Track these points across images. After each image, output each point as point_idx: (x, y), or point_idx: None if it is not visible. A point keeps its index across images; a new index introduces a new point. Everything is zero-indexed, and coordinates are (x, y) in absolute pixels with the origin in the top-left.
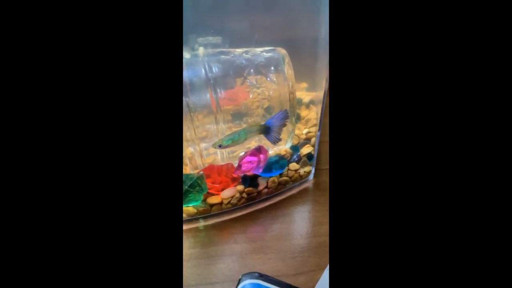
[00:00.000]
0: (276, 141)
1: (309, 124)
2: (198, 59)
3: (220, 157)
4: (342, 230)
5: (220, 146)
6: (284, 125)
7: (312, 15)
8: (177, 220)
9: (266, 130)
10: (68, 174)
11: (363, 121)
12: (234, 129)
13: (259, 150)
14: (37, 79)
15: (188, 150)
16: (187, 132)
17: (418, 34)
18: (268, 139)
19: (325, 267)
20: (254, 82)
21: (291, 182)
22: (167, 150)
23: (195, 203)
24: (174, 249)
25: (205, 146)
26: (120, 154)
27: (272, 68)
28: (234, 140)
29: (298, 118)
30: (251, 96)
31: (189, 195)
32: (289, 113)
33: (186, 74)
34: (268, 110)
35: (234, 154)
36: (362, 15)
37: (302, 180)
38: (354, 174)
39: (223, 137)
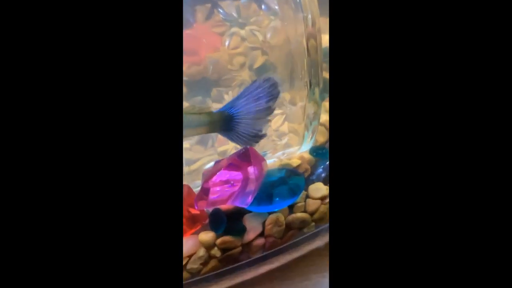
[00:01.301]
0: (248, 142)
1: None
2: None
3: None
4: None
5: None
6: (268, 111)
7: None
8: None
9: (223, 124)
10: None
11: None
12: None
13: (245, 157)
14: (34, 79)
15: None
16: None
17: (419, 34)
18: (231, 139)
19: None
20: (234, 15)
21: (313, 224)
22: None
23: None
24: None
25: None
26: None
27: None
28: None
29: (326, 91)
30: (227, 44)
31: None
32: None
33: None
34: (263, 71)
35: (195, 165)
36: (362, 14)
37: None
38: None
39: None
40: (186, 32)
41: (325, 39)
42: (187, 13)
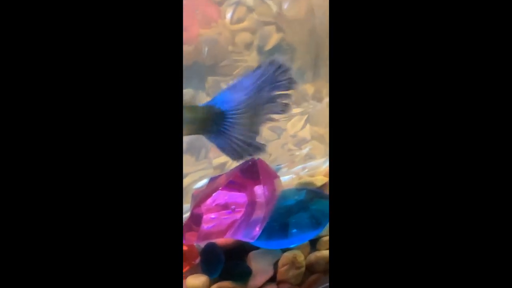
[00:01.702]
0: (242, 152)
1: None
2: None
3: None
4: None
5: None
6: (277, 107)
7: None
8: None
9: (211, 123)
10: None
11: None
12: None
13: (251, 172)
14: (28, 74)
15: None
16: None
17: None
18: (221, 148)
19: None
20: None
21: None
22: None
23: None
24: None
25: None
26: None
27: None
28: None
29: None
30: (228, 17)
31: None
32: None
33: None
34: (276, 54)
35: (183, 183)
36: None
37: None
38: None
39: None
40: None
41: None
42: None
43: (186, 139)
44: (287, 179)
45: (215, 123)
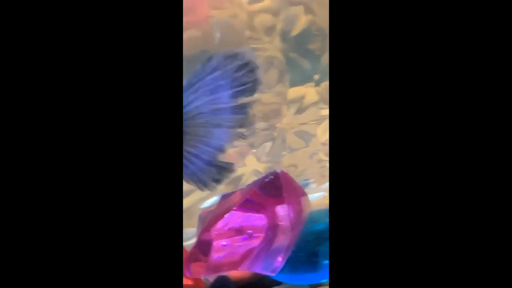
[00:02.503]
0: (202, 176)
1: None
2: None
3: None
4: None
5: None
6: (240, 111)
7: None
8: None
9: None
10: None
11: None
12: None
13: (273, 189)
14: (26, 73)
15: None
16: None
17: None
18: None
19: None
20: None
21: None
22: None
23: None
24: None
25: None
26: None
27: None
28: None
29: None
30: None
31: None
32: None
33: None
34: (304, 43)
35: (186, 202)
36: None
37: None
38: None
39: None
40: None
41: None
42: None
43: None
44: (317, 197)
45: None
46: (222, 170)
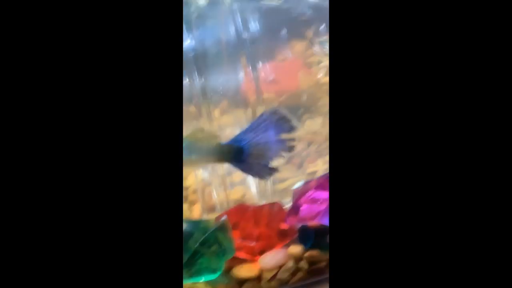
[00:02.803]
0: (263, 175)
1: None
2: (223, 7)
3: (256, 189)
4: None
5: None
6: (282, 146)
7: None
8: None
9: (233, 157)
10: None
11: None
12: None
13: None
14: (24, 72)
15: (195, 175)
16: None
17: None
18: (242, 170)
19: None
20: (326, 47)
21: None
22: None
23: (209, 277)
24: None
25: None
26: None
27: None
28: None
29: None
30: (318, 76)
31: (199, 261)
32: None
33: (198, 37)
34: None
35: (284, 184)
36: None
37: None
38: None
39: None
40: (280, 64)
41: None
42: (282, 44)
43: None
44: None
45: (236, 156)
46: (272, 170)
